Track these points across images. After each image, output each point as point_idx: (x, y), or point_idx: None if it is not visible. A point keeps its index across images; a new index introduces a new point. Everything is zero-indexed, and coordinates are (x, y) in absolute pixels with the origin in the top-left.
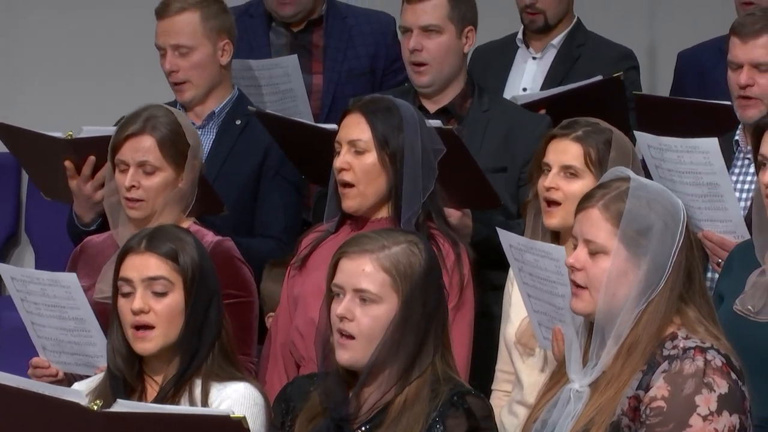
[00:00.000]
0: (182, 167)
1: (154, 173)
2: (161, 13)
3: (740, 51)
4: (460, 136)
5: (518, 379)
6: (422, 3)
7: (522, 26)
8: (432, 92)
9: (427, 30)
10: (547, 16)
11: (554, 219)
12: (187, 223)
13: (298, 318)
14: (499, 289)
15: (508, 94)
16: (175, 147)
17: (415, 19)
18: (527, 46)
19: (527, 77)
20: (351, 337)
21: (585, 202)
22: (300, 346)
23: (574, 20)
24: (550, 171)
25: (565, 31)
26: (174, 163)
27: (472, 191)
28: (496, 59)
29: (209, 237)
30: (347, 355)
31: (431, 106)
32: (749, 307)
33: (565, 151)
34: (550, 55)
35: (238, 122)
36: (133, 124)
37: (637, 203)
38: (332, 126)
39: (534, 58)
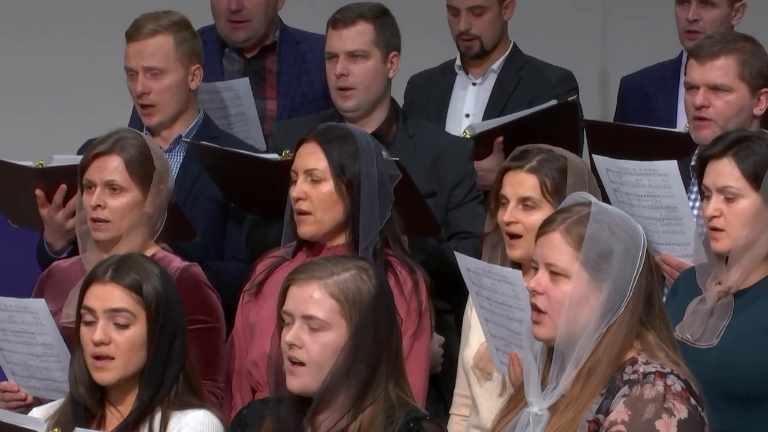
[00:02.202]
0: (148, 190)
1: (120, 193)
2: (133, 34)
3: (697, 72)
4: None
5: (475, 404)
6: (347, 29)
7: (459, 53)
8: (357, 116)
9: (353, 55)
10: (482, 41)
11: (517, 251)
12: (155, 249)
13: (254, 348)
14: (440, 313)
15: (450, 121)
16: (143, 169)
17: (341, 44)
18: (466, 72)
19: (469, 103)
20: (301, 364)
21: (546, 226)
22: (256, 375)
23: (511, 45)
24: (507, 203)
25: (504, 56)
26: (141, 185)
27: (414, 218)
28: (435, 86)
29: (176, 263)
30: (298, 381)
31: None
32: (688, 335)
33: (521, 184)
34: (491, 80)
35: (184, 136)
36: (102, 144)
37: (598, 227)
38: (274, 156)
39: (474, 84)
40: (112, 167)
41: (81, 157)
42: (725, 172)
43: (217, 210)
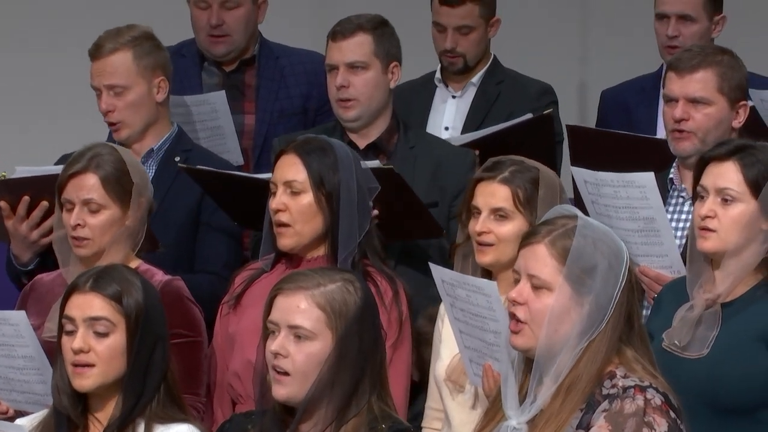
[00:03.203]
0: (128, 205)
1: (99, 211)
2: (94, 54)
3: (676, 85)
4: None
5: (447, 417)
6: (347, 40)
7: (439, 66)
8: (359, 126)
9: (353, 67)
10: (467, 59)
11: (487, 257)
12: (137, 263)
13: (235, 359)
14: None
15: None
16: (120, 185)
17: (341, 56)
18: (446, 85)
19: (448, 116)
20: (286, 373)
21: (530, 237)
22: (237, 386)
23: (491, 58)
24: (479, 214)
25: (483, 70)
26: (119, 201)
27: (416, 224)
28: (416, 98)
29: (159, 276)
30: (284, 390)
31: (360, 141)
32: (675, 341)
33: (493, 194)
34: (470, 93)
35: (177, 159)
36: (77, 162)
37: (583, 242)
38: (266, 175)
39: (454, 97)
40: (89, 185)
41: (44, 167)
42: (728, 174)
43: (189, 223)
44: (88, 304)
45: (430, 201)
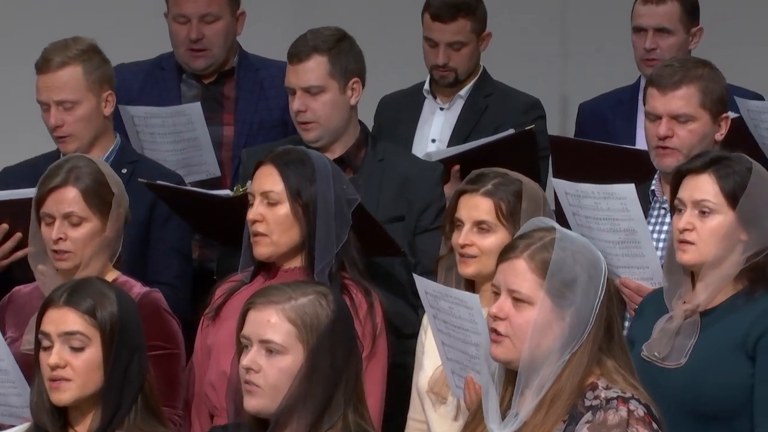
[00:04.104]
0: (107, 216)
1: (80, 224)
2: (42, 67)
3: (659, 102)
4: (357, 186)
5: (429, 429)
6: (302, 64)
7: (428, 78)
8: (321, 146)
9: (308, 90)
10: (458, 73)
11: (469, 268)
12: (115, 274)
13: (211, 370)
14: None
15: (417, 145)
16: (99, 196)
17: (296, 80)
18: (434, 97)
19: (435, 128)
20: (258, 387)
21: (509, 252)
22: (213, 398)
23: (480, 70)
24: (462, 226)
25: (472, 82)
26: (99, 213)
27: (371, 241)
28: (404, 109)
29: (137, 288)
30: (254, 402)
31: (327, 156)
32: (655, 353)
33: (476, 207)
34: (458, 105)
35: (125, 171)
36: (56, 176)
37: (563, 254)
38: (226, 192)
39: (442, 109)
40: (69, 199)
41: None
42: (704, 186)
43: (140, 235)
44: (63, 319)
45: (396, 215)
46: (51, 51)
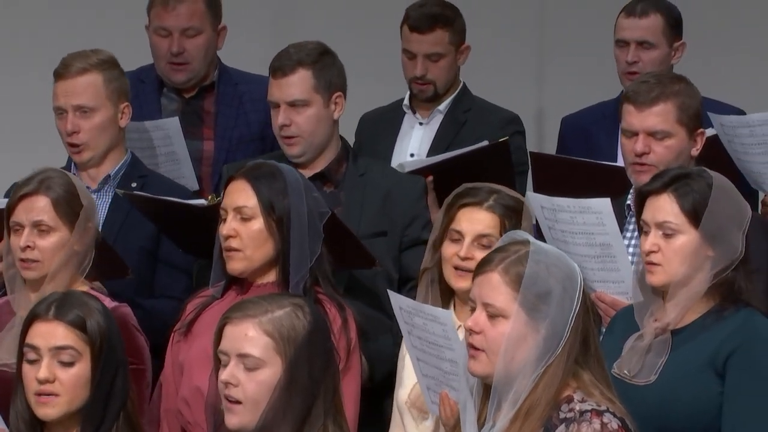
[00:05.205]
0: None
1: (48, 233)
2: (62, 73)
3: (636, 119)
4: (338, 200)
5: None
6: (286, 78)
7: (408, 92)
8: (304, 161)
9: (293, 105)
10: (437, 86)
11: (466, 282)
12: (85, 288)
13: (184, 386)
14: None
15: (395, 160)
16: (70, 207)
17: (280, 94)
18: (414, 112)
19: (414, 143)
20: (238, 402)
21: (484, 265)
22: (186, 414)
23: (460, 85)
24: (460, 239)
25: (452, 97)
26: (69, 224)
27: (346, 253)
28: (384, 125)
29: (106, 302)
30: (236, 419)
31: (306, 171)
32: (625, 371)
33: (480, 221)
34: (437, 120)
35: (134, 185)
36: (27, 185)
37: (536, 267)
38: (200, 201)
39: (421, 124)
40: (39, 207)
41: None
42: (665, 207)
43: (149, 248)
44: (52, 333)
45: (378, 230)
46: (71, 58)
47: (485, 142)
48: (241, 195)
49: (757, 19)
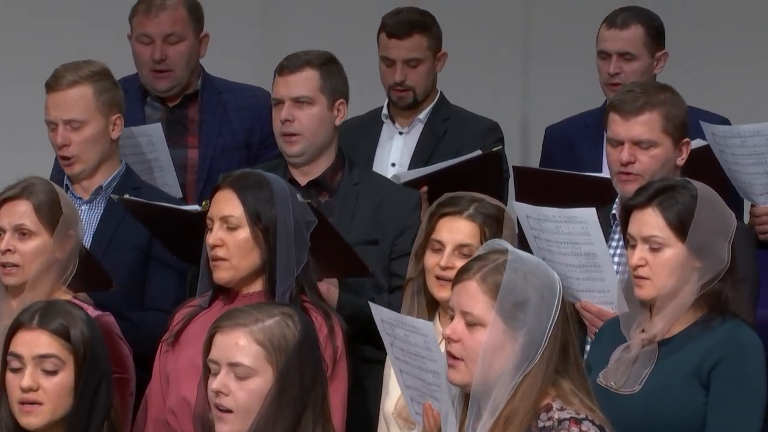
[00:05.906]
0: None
1: (30, 237)
2: (53, 86)
3: (621, 128)
4: (333, 209)
5: None
6: (293, 75)
7: (386, 101)
8: (302, 162)
9: (298, 101)
10: (416, 92)
11: (447, 291)
12: (67, 297)
13: (171, 397)
14: (371, 362)
15: (377, 170)
16: (52, 213)
17: (286, 90)
18: (393, 121)
19: (395, 153)
20: (229, 411)
21: (462, 274)
22: (174, 424)
23: (438, 95)
24: (441, 248)
25: (430, 106)
26: (50, 229)
27: (340, 262)
28: (362, 134)
29: (90, 311)
30: (226, 428)
31: (302, 179)
32: (612, 383)
33: (460, 230)
34: (417, 130)
35: (127, 196)
36: (10, 190)
37: (514, 276)
38: (195, 207)
39: (401, 133)
40: (21, 211)
41: None
42: (650, 221)
43: (139, 260)
44: (36, 342)
45: (371, 238)
46: (63, 71)
47: (479, 152)
48: (228, 204)
49: (740, 29)
